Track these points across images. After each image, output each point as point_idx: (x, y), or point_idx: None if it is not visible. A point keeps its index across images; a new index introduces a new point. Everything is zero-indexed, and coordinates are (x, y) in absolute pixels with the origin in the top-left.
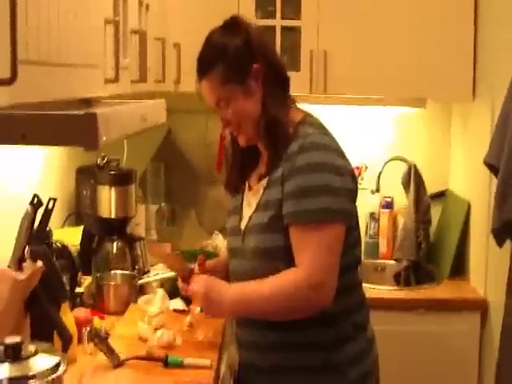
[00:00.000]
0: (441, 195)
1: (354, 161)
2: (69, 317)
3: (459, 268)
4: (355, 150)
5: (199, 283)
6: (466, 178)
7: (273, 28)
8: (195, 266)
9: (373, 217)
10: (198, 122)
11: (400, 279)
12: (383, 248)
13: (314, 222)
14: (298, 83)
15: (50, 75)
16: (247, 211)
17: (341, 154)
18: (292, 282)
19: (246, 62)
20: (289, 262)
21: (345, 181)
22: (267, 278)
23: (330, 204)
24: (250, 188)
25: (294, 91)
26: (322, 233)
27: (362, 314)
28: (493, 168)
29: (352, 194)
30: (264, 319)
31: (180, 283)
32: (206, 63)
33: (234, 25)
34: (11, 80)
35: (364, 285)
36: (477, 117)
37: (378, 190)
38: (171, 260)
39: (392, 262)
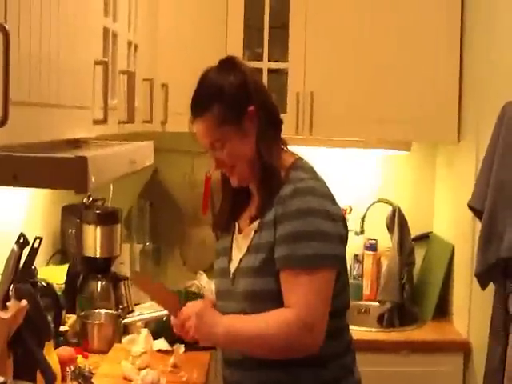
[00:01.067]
0: (425, 237)
1: (339, 203)
2: (52, 356)
3: (443, 310)
4: (340, 192)
5: (194, 306)
6: (450, 221)
7: (260, 70)
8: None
9: (357, 258)
10: (184, 161)
11: (383, 321)
12: (367, 290)
13: (305, 266)
14: (284, 125)
15: (40, 116)
16: (237, 253)
17: (333, 200)
18: (285, 321)
19: (242, 103)
20: (279, 305)
21: (337, 226)
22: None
23: (322, 250)
24: (240, 230)
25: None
26: (313, 277)
27: (349, 356)
28: (477, 212)
29: (343, 239)
30: (253, 359)
31: (172, 319)
32: (201, 103)
33: (230, 65)
34: (3, 121)
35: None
36: (462, 159)
37: (362, 232)
38: (160, 294)
39: (376, 303)
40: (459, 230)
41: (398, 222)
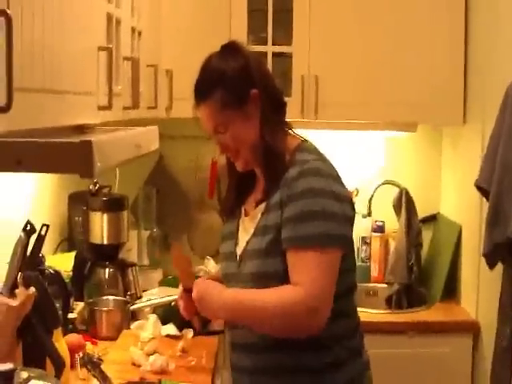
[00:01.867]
0: (432, 219)
1: (346, 185)
2: (61, 343)
3: (451, 291)
4: (346, 175)
5: (197, 286)
6: (457, 202)
7: (264, 54)
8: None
9: (364, 241)
10: (190, 147)
11: (392, 303)
12: (375, 272)
13: (312, 246)
14: (289, 108)
15: (44, 102)
16: (244, 236)
17: (339, 181)
18: (290, 300)
19: (244, 87)
20: None
21: (343, 207)
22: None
23: (329, 229)
24: (246, 213)
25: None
26: (319, 256)
27: (357, 338)
28: (484, 191)
29: (350, 220)
30: (260, 343)
31: (180, 291)
32: (204, 88)
33: (232, 50)
34: (6, 107)
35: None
36: (467, 140)
37: (369, 214)
38: (181, 266)
39: (384, 285)
40: (466, 210)
41: (405, 203)
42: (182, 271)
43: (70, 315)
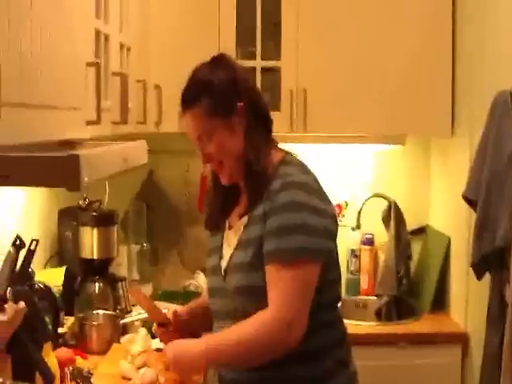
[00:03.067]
0: (421, 231)
1: (335, 198)
2: (51, 357)
3: (440, 302)
4: (336, 188)
5: (167, 350)
6: (445, 213)
7: (253, 69)
8: (168, 312)
9: (353, 253)
10: (179, 162)
11: (381, 315)
12: (364, 284)
13: (286, 260)
14: (278, 123)
15: (32, 117)
16: (227, 250)
17: (322, 195)
18: (261, 322)
19: (230, 98)
20: None
21: (325, 221)
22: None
23: (308, 243)
24: (230, 226)
25: (274, 130)
26: (294, 271)
27: (344, 349)
28: (471, 202)
29: (332, 234)
30: None
31: (155, 328)
32: (190, 96)
33: (221, 61)
34: None
35: (346, 321)
36: (455, 152)
37: (358, 227)
38: (147, 306)
39: (373, 297)
40: (455, 221)
41: (394, 216)
42: (149, 309)
43: (60, 330)
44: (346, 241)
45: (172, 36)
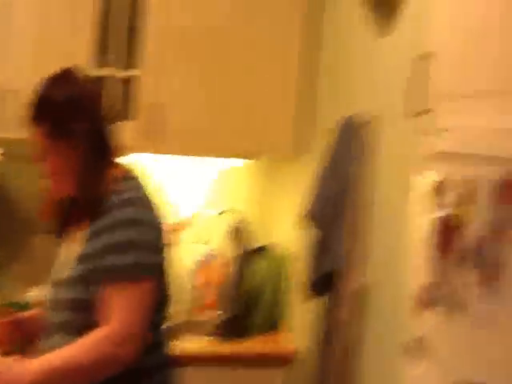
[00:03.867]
0: (262, 249)
1: (183, 212)
2: None
3: (273, 321)
4: (182, 202)
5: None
6: (287, 232)
7: (109, 78)
8: None
9: (198, 268)
10: (27, 170)
11: (217, 332)
12: (207, 300)
13: (122, 276)
14: (132, 133)
15: None
16: (64, 262)
17: (154, 210)
18: (92, 341)
19: (68, 121)
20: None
21: (155, 236)
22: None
23: (140, 259)
24: (70, 239)
25: (127, 141)
26: (129, 288)
27: (165, 372)
28: (313, 222)
29: (162, 249)
30: None
31: None
32: (31, 113)
33: (63, 79)
34: None
35: (179, 339)
36: (299, 173)
37: (205, 242)
38: None
39: (210, 315)
40: (296, 242)
41: (238, 233)
42: None
43: None
44: (191, 256)
45: (31, 40)
